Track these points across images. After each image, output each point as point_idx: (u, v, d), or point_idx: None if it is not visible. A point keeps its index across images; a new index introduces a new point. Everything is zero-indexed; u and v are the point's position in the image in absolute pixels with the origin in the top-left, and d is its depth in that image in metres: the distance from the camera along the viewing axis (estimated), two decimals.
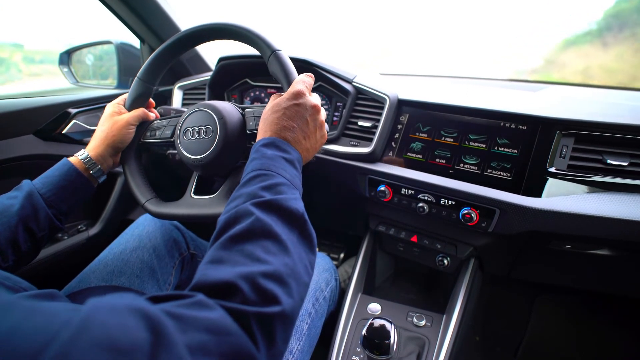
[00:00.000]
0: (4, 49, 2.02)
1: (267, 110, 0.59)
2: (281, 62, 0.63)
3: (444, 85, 1.14)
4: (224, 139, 0.66)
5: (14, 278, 0.49)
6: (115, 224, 1.21)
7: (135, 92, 0.75)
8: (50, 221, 0.63)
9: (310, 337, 0.74)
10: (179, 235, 0.85)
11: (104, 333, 0.25)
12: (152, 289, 0.73)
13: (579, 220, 0.68)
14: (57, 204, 0.64)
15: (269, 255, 0.39)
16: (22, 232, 0.59)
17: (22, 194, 0.61)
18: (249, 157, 0.54)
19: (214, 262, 0.38)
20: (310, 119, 0.58)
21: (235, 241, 0.40)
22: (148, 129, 0.77)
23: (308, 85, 0.62)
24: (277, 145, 0.53)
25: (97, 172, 0.70)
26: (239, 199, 0.46)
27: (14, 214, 0.58)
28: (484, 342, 1.18)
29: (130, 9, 1.07)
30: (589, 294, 1.09)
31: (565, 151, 0.73)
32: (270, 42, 0.64)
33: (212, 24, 0.69)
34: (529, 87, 1.08)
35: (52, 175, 0.65)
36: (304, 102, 0.58)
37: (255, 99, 1.10)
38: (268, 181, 0.47)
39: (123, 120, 0.72)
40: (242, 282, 0.35)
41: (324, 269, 0.87)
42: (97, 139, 0.71)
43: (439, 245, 0.91)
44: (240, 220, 0.42)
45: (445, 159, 0.82)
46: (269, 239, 0.41)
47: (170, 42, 0.73)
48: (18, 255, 0.59)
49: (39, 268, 1.01)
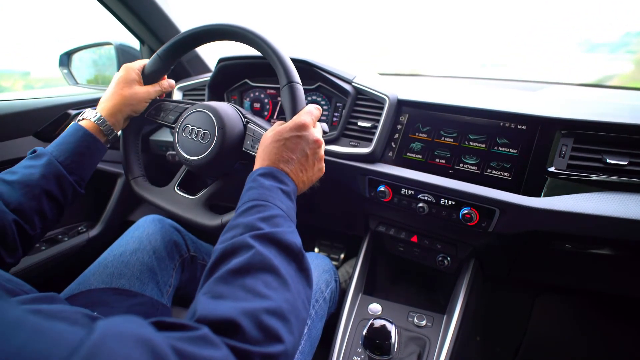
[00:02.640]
0: (10, 77, 2.00)
1: (268, 136, 0.59)
2: (294, 94, 0.63)
3: (443, 85, 1.14)
4: (219, 148, 0.67)
5: (15, 280, 0.49)
6: (116, 226, 1.21)
7: (153, 67, 0.75)
8: (73, 188, 0.64)
9: (310, 338, 0.74)
10: (179, 237, 0.85)
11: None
12: (153, 291, 0.73)
13: (579, 219, 0.68)
14: (78, 171, 0.65)
15: (270, 291, 0.39)
16: (47, 201, 0.60)
17: (40, 162, 0.60)
18: (246, 185, 0.54)
19: (216, 297, 0.37)
20: (310, 152, 0.58)
21: (236, 275, 0.39)
22: (154, 107, 0.78)
23: (314, 117, 0.62)
24: (275, 176, 0.53)
25: (110, 134, 0.70)
26: (237, 229, 0.45)
27: (35, 183, 0.58)
28: (484, 342, 1.18)
29: (129, 10, 1.07)
30: (590, 294, 1.09)
31: (564, 151, 0.73)
32: (293, 72, 0.64)
33: (244, 29, 0.67)
34: (529, 87, 1.09)
35: (67, 142, 0.65)
36: (307, 136, 0.58)
37: (255, 99, 1.10)
38: (265, 212, 0.47)
39: (144, 93, 0.73)
40: (245, 319, 0.35)
41: (323, 270, 0.87)
42: (115, 103, 0.70)
43: (439, 245, 0.91)
44: (240, 252, 0.42)
45: (445, 159, 0.82)
46: (269, 273, 0.40)
47: (197, 30, 0.71)
48: (44, 223, 0.60)
49: (39, 269, 1.01)
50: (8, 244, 0.55)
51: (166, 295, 0.76)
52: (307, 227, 1.33)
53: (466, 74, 1.33)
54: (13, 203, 0.56)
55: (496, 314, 1.23)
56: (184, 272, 0.84)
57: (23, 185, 0.58)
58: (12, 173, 0.59)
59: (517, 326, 1.20)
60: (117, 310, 0.66)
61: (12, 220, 0.55)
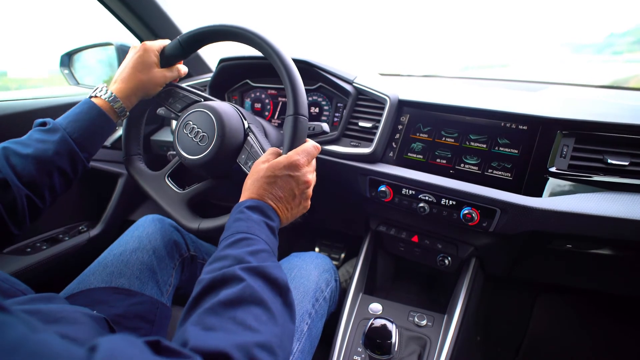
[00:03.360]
0: None
1: (261, 168, 0.60)
2: (297, 127, 0.63)
3: (444, 85, 1.14)
4: (215, 155, 0.68)
5: (12, 280, 0.49)
6: (117, 225, 1.21)
7: (173, 51, 0.74)
8: (82, 164, 0.65)
9: (310, 337, 0.74)
10: (179, 237, 0.84)
11: None
12: (152, 290, 0.73)
13: (580, 219, 0.68)
14: (89, 149, 0.65)
15: (260, 325, 0.39)
16: (58, 176, 0.61)
17: (54, 138, 0.61)
18: (233, 215, 0.54)
19: (207, 329, 0.37)
20: (298, 192, 0.60)
21: (226, 307, 0.40)
22: (165, 90, 0.77)
23: (310, 158, 0.62)
24: (263, 211, 0.55)
25: (122, 114, 0.70)
26: (226, 261, 0.46)
27: (49, 159, 0.59)
28: (485, 342, 1.18)
29: (130, 10, 1.07)
30: (590, 294, 1.09)
31: (566, 151, 0.73)
32: (302, 104, 0.64)
33: (271, 45, 0.66)
34: (530, 87, 1.09)
35: (81, 120, 0.64)
36: (298, 176, 0.59)
37: (255, 99, 1.10)
38: (253, 247, 0.48)
39: (162, 77, 0.72)
40: (238, 352, 0.35)
41: (324, 269, 0.87)
42: (131, 86, 0.69)
43: (439, 245, 0.91)
44: (230, 284, 0.42)
45: (446, 159, 0.82)
46: (258, 307, 0.41)
47: (223, 27, 0.70)
48: (54, 197, 0.62)
49: (40, 269, 1.01)
50: (17, 216, 0.56)
51: (166, 294, 0.76)
52: (307, 227, 1.33)
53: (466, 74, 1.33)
54: (26, 177, 0.57)
55: (497, 314, 1.23)
56: (184, 271, 0.84)
57: (37, 160, 0.58)
58: (25, 145, 0.59)
59: (517, 326, 1.20)
60: (116, 309, 0.66)
61: (24, 194, 0.56)
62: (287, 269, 0.81)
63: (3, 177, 0.55)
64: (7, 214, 0.55)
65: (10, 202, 0.55)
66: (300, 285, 0.77)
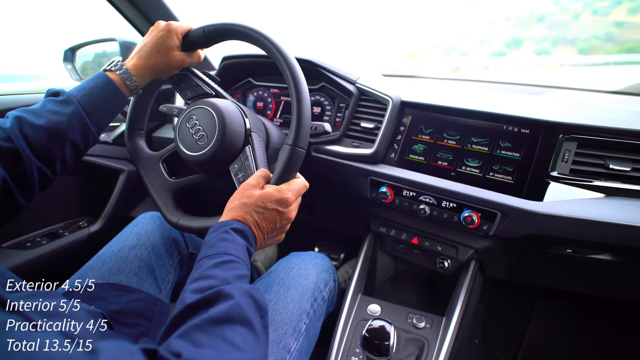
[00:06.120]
0: None
1: (252, 193, 0.60)
2: (292, 158, 0.63)
3: (446, 87, 1.13)
4: (211, 156, 0.68)
5: (8, 274, 0.49)
6: (117, 221, 1.21)
7: (196, 38, 0.72)
8: (94, 137, 0.65)
9: (308, 337, 0.74)
10: (178, 235, 0.84)
11: None
12: (151, 287, 0.74)
13: (581, 224, 0.68)
14: (101, 123, 0.65)
15: (247, 344, 0.41)
16: (70, 148, 0.61)
17: (68, 110, 0.60)
18: (218, 233, 0.55)
19: (197, 346, 0.38)
20: (279, 225, 0.62)
21: (215, 325, 0.41)
22: (178, 74, 0.77)
23: (298, 195, 0.64)
24: (246, 236, 0.56)
25: (135, 91, 0.69)
26: (213, 280, 0.47)
27: (62, 132, 0.59)
28: (483, 345, 1.18)
29: (133, 6, 1.07)
30: (589, 299, 1.09)
31: (567, 155, 0.73)
32: (303, 137, 0.64)
33: (291, 64, 0.64)
34: (532, 91, 1.08)
35: (96, 94, 0.64)
36: (284, 213, 0.61)
37: (258, 98, 1.10)
38: (239, 270, 0.50)
39: (180, 62, 0.72)
40: None
41: (323, 269, 0.87)
42: (148, 66, 0.69)
43: (439, 247, 0.90)
44: (219, 301, 0.43)
45: (448, 162, 0.82)
46: (245, 327, 0.42)
47: (248, 29, 0.68)
48: (64, 169, 0.62)
49: (40, 264, 1.01)
50: (27, 187, 0.56)
51: (164, 291, 0.76)
52: (307, 227, 1.33)
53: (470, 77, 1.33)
54: (38, 148, 0.57)
55: (495, 317, 1.23)
56: (182, 269, 0.84)
57: (50, 132, 0.58)
58: (38, 116, 0.58)
59: (516, 330, 1.20)
60: (114, 306, 0.66)
61: (35, 166, 0.56)
62: (286, 268, 0.81)
63: (15, 148, 0.54)
64: (16, 185, 0.55)
65: (20, 173, 0.55)
66: (298, 285, 0.77)
